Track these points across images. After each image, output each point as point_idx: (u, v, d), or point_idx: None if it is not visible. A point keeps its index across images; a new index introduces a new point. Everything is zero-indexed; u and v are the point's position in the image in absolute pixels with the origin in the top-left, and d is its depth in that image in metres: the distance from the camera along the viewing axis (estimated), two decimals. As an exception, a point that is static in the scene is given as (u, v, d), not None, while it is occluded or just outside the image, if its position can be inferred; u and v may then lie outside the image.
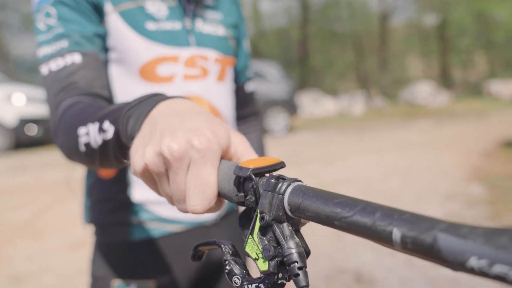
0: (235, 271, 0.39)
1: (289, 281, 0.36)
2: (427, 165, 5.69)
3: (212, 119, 0.45)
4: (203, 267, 0.97)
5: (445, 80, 22.59)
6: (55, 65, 0.77)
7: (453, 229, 0.25)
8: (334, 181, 5.07)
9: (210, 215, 0.95)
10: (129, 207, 0.91)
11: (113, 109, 0.56)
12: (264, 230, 0.37)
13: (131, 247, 0.91)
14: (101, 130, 0.55)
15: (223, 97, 0.98)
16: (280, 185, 0.36)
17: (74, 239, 3.67)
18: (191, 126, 0.42)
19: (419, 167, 5.56)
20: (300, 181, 0.37)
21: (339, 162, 6.30)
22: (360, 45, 24.61)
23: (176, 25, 0.89)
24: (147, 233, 0.91)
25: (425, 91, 15.97)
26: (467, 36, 23.71)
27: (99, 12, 0.82)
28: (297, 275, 0.34)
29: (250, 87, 1.14)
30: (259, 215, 0.37)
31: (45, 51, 0.79)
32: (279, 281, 0.36)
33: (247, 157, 0.46)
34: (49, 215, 4.41)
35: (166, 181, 0.44)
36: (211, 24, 0.96)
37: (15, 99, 9.19)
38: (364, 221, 0.29)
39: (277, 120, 10.49)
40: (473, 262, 0.24)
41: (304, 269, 0.34)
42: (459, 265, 0.25)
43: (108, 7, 0.83)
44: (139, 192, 0.90)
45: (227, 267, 0.39)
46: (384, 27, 24.29)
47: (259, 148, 1.13)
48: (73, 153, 0.63)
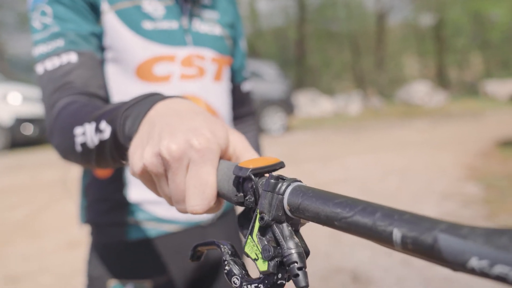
0: (234, 272, 0.39)
1: (288, 281, 0.36)
2: (423, 164, 5.70)
3: (211, 118, 0.45)
4: (199, 267, 0.96)
5: (441, 80, 22.67)
6: (51, 64, 0.76)
7: (453, 229, 0.25)
8: (331, 181, 5.08)
9: (206, 215, 0.95)
10: (125, 207, 0.90)
11: (110, 108, 0.55)
12: (263, 231, 0.37)
13: (127, 247, 0.90)
14: (97, 130, 0.54)
15: (219, 97, 0.97)
16: (279, 185, 0.36)
17: (71, 238, 3.65)
18: (190, 126, 0.42)
19: (416, 167, 5.57)
20: (300, 181, 0.37)
21: (336, 161, 6.30)
22: (357, 45, 24.66)
23: (173, 25, 0.89)
24: (143, 233, 0.90)
25: (421, 91, 16.02)
26: (463, 36, 23.80)
27: (95, 11, 0.82)
28: (297, 275, 0.34)
29: (246, 86, 1.13)
30: (258, 215, 0.37)
31: (40, 50, 0.78)
32: (278, 282, 0.36)
33: (246, 155, 0.45)
34: (46, 215, 4.40)
35: (165, 182, 0.44)
36: (208, 23, 0.96)
37: (11, 98, 9.15)
38: (365, 221, 0.29)
39: (274, 120, 10.50)
40: (474, 262, 0.24)
41: (303, 269, 0.34)
42: (459, 265, 0.25)
43: (105, 6, 0.82)
44: (135, 192, 0.90)
45: (227, 267, 0.39)
46: (380, 27, 24.35)
47: (255, 148, 1.13)
48: (69, 153, 0.63)
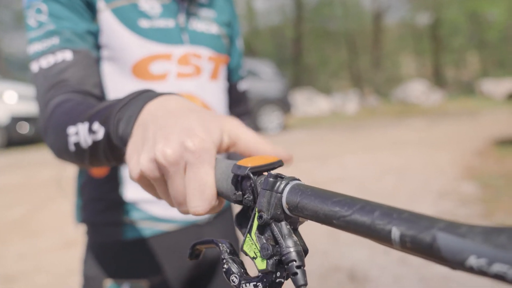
0: (233, 270, 0.39)
1: (287, 279, 0.36)
2: (420, 163, 5.72)
3: (203, 114, 0.45)
4: (196, 266, 0.96)
5: (438, 79, 22.73)
6: (46, 62, 0.76)
7: (452, 228, 0.25)
8: (328, 180, 5.08)
9: (204, 213, 0.94)
10: (121, 206, 0.90)
11: (102, 108, 0.55)
12: (262, 229, 0.37)
13: (123, 246, 0.90)
14: (91, 131, 0.54)
15: (216, 96, 0.97)
16: (278, 183, 0.36)
17: (67, 238, 3.64)
18: (183, 127, 0.42)
19: (413, 166, 5.59)
20: (299, 179, 0.37)
21: (333, 160, 6.31)
22: (354, 43, 24.69)
23: (170, 23, 0.89)
24: (139, 233, 0.90)
25: (418, 90, 16.06)
26: (459, 35, 23.85)
27: (91, 9, 0.81)
28: (295, 273, 0.34)
29: (242, 86, 1.13)
30: (257, 214, 0.36)
31: (35, 48, 0.77)
32: (277, 280, 0.36)
33: (242, 138, 0.45)
34: (42, 214, 4.38)
35: (164, 186, 0.44)
36: (204, 22, 0.95)
37: (7, 97, 9.13)
38: (363, 220, 0.29)
39: (270, 119, 10.50)
40: (472, 261, 0.24)
41: (302, 268, 0.34)
42: (458, 264, 0.25)
43: (101, 4, 0.82)
44: (131, 191, 0.89)
45: (225, 265, 0.39)
46: (377, 26, 24.39)
47: None
48: (63, 152, 0.63)
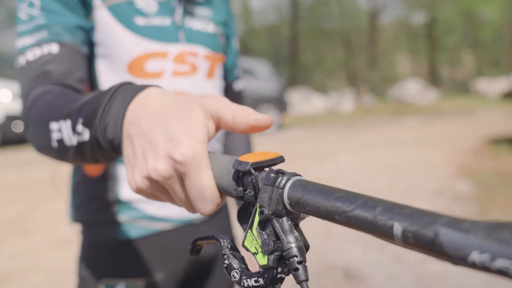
0: (234, 265, 0.39)
1: (288, 275, 0.36)
2: (415, 162, 5.74)
3: (181, 108, 0.43)
4: (192, 265, 0.96)
5: (433, 78, 22.80)
6: (32, 55, 0.74)
7: (454, 223, 0.25)
8: (323, 179, 5.09)
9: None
10: (116, 205, 0.89)
11: (82, 104, 0.53)
12: (263, 225, 0.36)
13: (118, 245, 0.89)
14: (75, 131, 0.52)
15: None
16: (279, 179, 0.36)
17: (62, 237, 3.63)
18: (167, 137, 0.41)
19: (408, 164, 5.61)
20: (300, 175, 0.37)
21: (328, 159, 6.32)
22: (350, 42, 24.71)
23: (166, 21, 0.88)
24: (135, 232, 0.89)
25: (413, 89, 16.10)
26: (454, 34, 23.94)
27: (86, 5, 0.81)
28: (297, 269, 0.34)
29: (238, 85, 1.13)
30: (258, 210, 0.36)
31: (25, 42, 0.75)
32: (278, 276, 0.36)
33: (223, 115, 0.43)
34: (36, 213, 4.36)
35: (166, 193, 0.45)
36: (201, 20, 0.95)
37: (1, 95, 9.06)
38: (365, 215, 0.29)
39: (266, 117, 10.50)
40: (475, 256, 0.24)
41: (303, 263, 0.34)
42: (460, 259, 0.24)
43: (97, 1, 0.81)
44: (126, 190, 0.89)
45: (226, 261, 0.39)
46: (373, 25, 24.43)
47: (246, 146, 1.13)
48: (44, 147, 0.60)
